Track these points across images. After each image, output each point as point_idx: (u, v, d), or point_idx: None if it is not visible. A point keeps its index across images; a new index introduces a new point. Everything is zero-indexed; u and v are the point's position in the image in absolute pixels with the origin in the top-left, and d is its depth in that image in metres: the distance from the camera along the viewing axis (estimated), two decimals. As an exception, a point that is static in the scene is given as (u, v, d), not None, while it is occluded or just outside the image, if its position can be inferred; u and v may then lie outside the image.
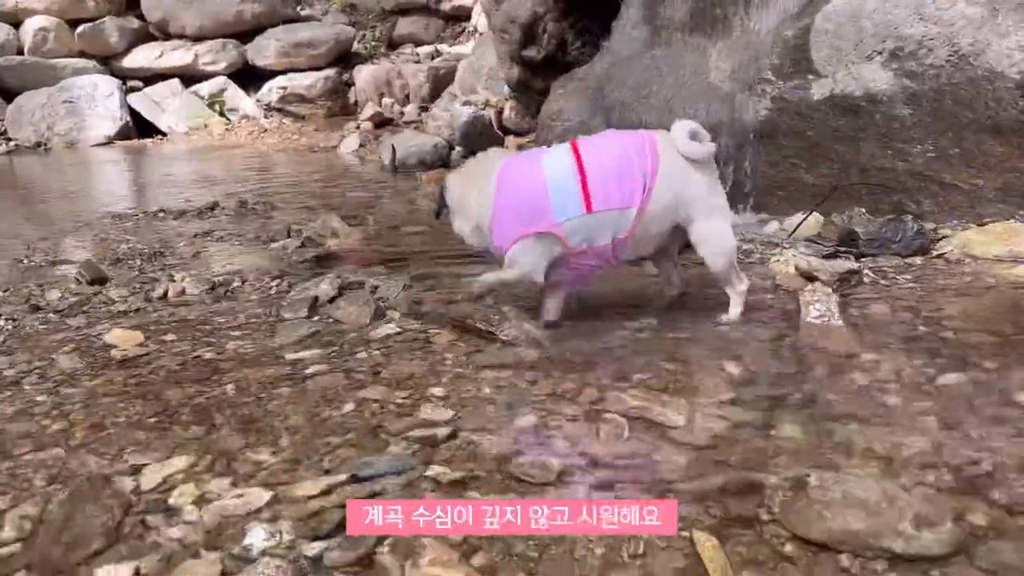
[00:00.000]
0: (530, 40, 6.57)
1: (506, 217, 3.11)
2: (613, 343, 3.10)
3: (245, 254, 4.75)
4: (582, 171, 3.04)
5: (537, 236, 3.09)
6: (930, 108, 4.44)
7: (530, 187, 3.07)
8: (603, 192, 3.02)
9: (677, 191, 3.08)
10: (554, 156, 3.14)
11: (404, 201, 6.43)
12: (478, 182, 3.17)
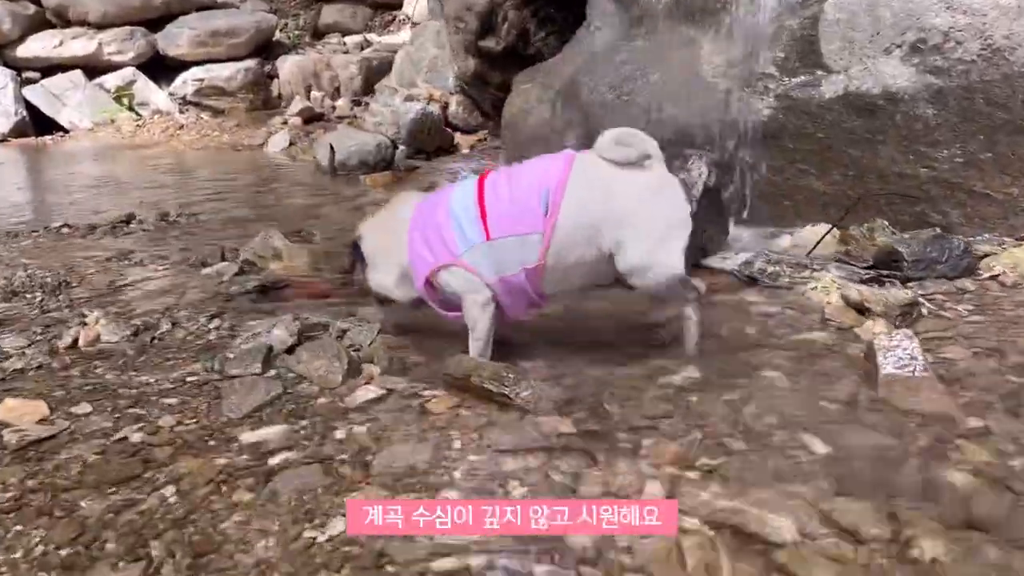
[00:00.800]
0: (488, 30, 5.90)
1: (418, 254, 2.81)
2: (656, 408, 2.49)
3: (172, 283, 3.97)
4: (481, 198, 2.72)
5: (448, 270, 2.77)
6: (958, 108, 3.96)
7: (435, 220, 2.79)
8: (498, 218, 2.68)
9: (595, 209, 2.62)
10: (460, 188, 2.87)
11: (350, 210, 5.69)
12: (394, 227, 2.92)
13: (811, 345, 2.91)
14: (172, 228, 5.17)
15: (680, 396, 2.56)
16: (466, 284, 2.75)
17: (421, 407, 2.54)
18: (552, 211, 2.65)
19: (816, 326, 3.08)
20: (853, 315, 3.06)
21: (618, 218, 2.64)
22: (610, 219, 2.64)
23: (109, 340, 3.17)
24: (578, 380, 2.69)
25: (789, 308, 3.27)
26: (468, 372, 2.60)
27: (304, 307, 3.53)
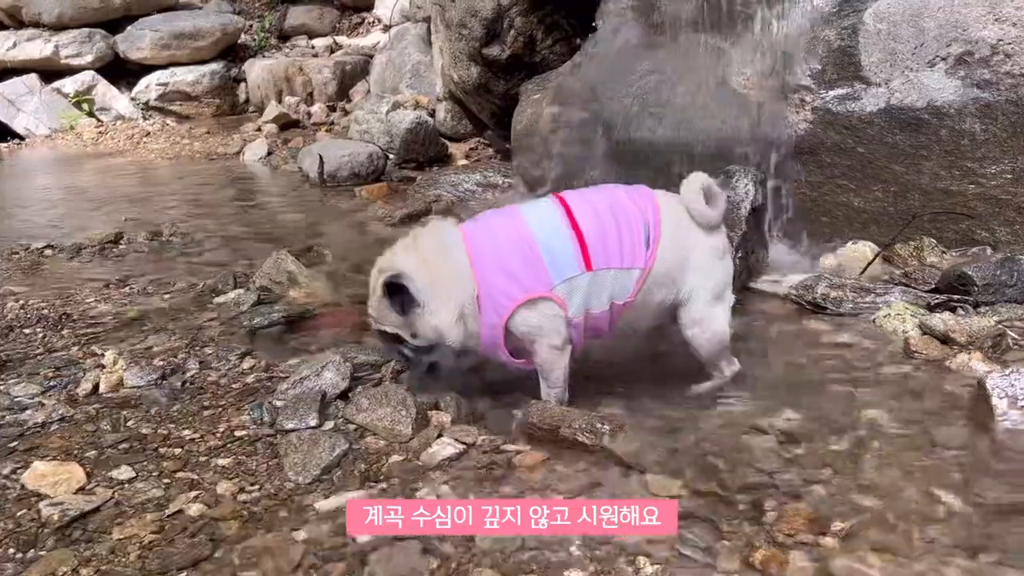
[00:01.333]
0: (493, 36, 5.65)
1: (497, 287, 2.48)
2: (766, 461, 2.30)
3: (186, 315, 3.65)
4: (575, 224, 2.47)
5: (532, 305, 2.49)
6: (1007, 123, 3.84)
7: (516, 247, 2.49)
8: (603, 247, 2.47)
9: (681, 255, 2.54)
10: (536, 211, 2.59)
11: (352, 225, 5.41)
12: (447, 257, 2.54)
13: (904, 381, 2.74)
14: (167, 249, 4.83)
15: (786, 445, 2.37)
16: (547, 322, 2.50)
17: (508, 463, 2.31)
18: (653, 247, 2.52)
19: (900, 359, 2.92)
20: (938, 346, 2.90)
21: (696, 269, 2.58)
22: (689, 268, 2.57)
23: (134, 385, 2.88)
24: (667, 427, 2.48)
25: (864, 338, 3.10)
26: (556, 422, 2.37)
27: (341, 342, 3.26)
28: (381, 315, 2.58)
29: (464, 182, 5.96)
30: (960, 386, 2.61)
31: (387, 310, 2.54)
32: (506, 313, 2.48)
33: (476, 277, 2.49)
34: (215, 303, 3.77)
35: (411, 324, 2.53)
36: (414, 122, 6.65)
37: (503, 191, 5.85)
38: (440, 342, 2.53)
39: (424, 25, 8.96)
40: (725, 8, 4.55)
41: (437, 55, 7.78)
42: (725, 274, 2.68)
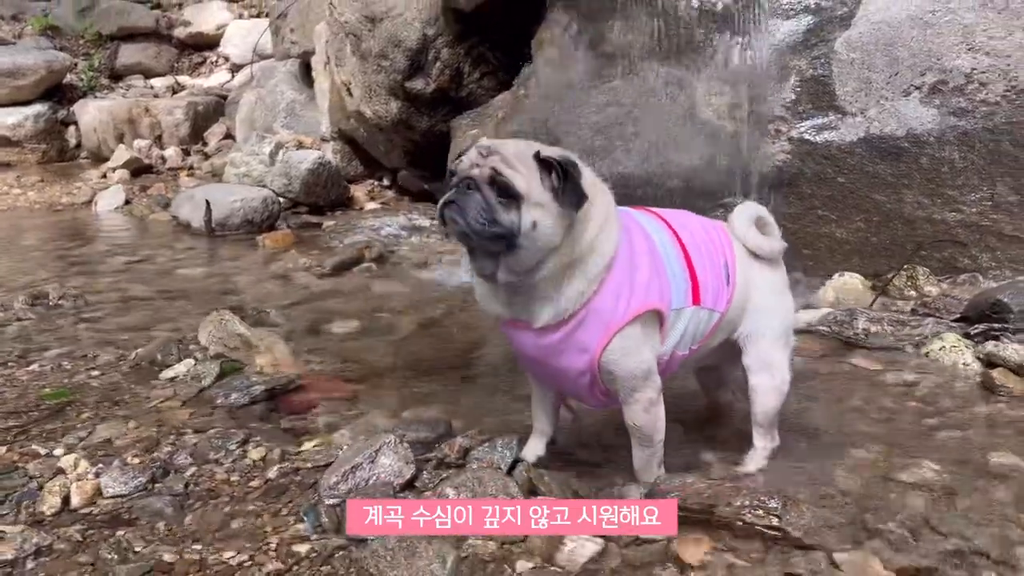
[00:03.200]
0: (417, 69, 5.23)
1: (625, 282, 2.04)
2: (947, 523, 2.03)
3: (131, 395, 2.95)
4: (687, 255, 2.19)
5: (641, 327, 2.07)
6: (985, 150, 3.89)
7: (654, 259, 2.12)
8: (706, 283, 2.20)
9: (744, 294, 2.30)
10: (651, 225, 2.21)
11: (274, 278, 4.75)
12: (610, 212, 2.07)
13: (1006, 418, 2.59)
14: (60, 315, 3.99)
15: (949, 500, 2.11)
16: (651, 360, 2.09)
17: (668, 557, 1.89)
18: (732, 289, 2.27)
19: (983, 394, 2.76)
20: (1015, 379, 2.76)
21: (759, 308, 2.33)
22: (750, 308, 2.32)
23: (119, 494, 2.20)
24: (815, 494, 2.15)
25: (926, 374, 2.94)
26: (709, 501, 1.98)
27: (347, 417, 2.71)
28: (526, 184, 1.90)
29: (385, 226, 5.47)
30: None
31: (538, 184, 1.91)
32: (618, 322, 2.02)
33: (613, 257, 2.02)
34: (164, 378, 3.08)
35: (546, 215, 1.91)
36: (316, 163, 6.05)
37: (430, 235, 5.41)
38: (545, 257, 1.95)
39: (296, 62, 8.37)
40: (684, 37, 4.39)
41: (322, 92, 7.25)
42: (789, 313, 2.44)
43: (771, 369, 2.33)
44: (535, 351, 2.12)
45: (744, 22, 4.26)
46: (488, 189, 1.90)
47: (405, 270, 4.81)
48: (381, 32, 5.13)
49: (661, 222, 2.22)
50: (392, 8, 5.11)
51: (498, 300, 2.09)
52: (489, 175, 1.91)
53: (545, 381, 2.30)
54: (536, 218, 1.89)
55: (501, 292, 2.05)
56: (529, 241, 1.90)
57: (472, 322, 3.83)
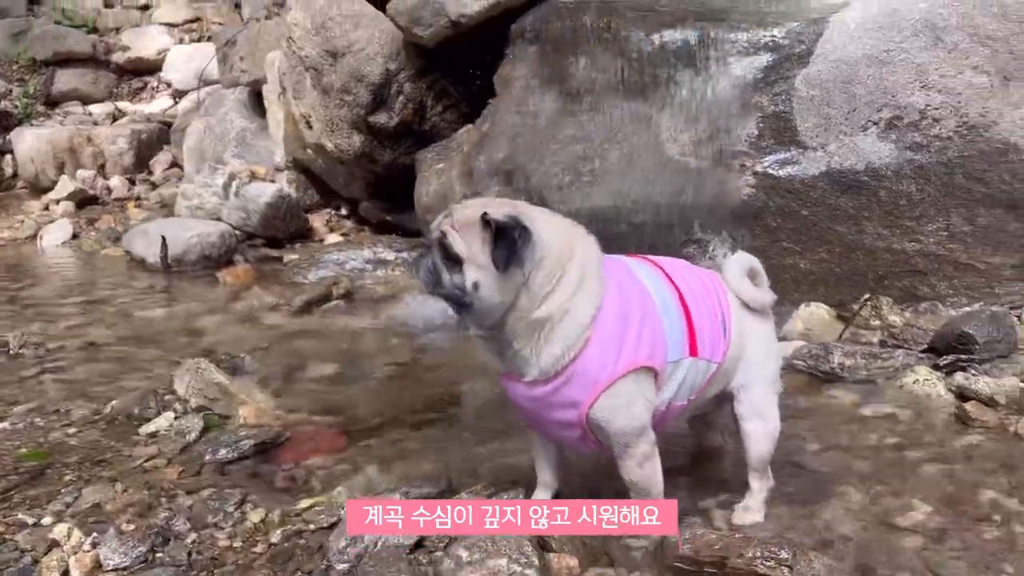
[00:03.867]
0: (380, 103, 5.22)
1: (612, 339, 2.06)
2: (948, 567, 2.09)
3: (113, 453, 2.89)
4: (684, 305, 2.21)
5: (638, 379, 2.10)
6: (940, 183, 4.05)
7: (647, 311, 2.13)
8: (703, 333, 2.22)
9: (741, 346, 2.34)
10: (647, 275, 2.23)
11: (241, 319, 4.68)
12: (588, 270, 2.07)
13: (985, 452, 2.70)
14: (23, 366, 3.88)
15: (939, 541, 2.19)
16: (644, 415, 2.13)
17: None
18: (727, 340, 2.31)
19: (959, 427, 2.89)
20: (987, 411, 2.89)
21: (753, 359, 2.37)
22: (745, 359, 2.36)
23: (121, 566, 2.15)
24: (816, 537, 2.21)
25: (902, 407, 3.05)
26: (720, 552, 2.03)
27: (345, 472, 2.70)
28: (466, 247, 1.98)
29: (350, 260, 5.43)
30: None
31: (480, 246, 1.97)
32: (604, 381, 2.05)
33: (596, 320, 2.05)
34: (144, 434, 3.02)
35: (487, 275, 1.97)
36: (275, 196, 5.99)
37: (395, 268, 5.39)
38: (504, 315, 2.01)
39: (245, 90, 8.27)
40: (647, 74, 4.48)
41: (276, 122, 7.18)
42: (778, 361, 2.50)
43: (764, 416, 2.38)
44: (527, 403, 2.16)
45: (705, 59, 4.36)
46: (436, 251, 2.04)
47: (374, 306, 4.79)
48: (343, 67, 5.12)
49: (658, 270, 2.26)
50: (354, 43, 5.10)
51: (490, 352, 2.12)
52: (437, 238, 2.03)
53: (538, 430, 2.32)
54: (477, 278, 1.97)
55: (491, 344, 2.08)
56: (476, 301, 1.99)
57: (449, 364, 3.84)
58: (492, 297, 2.00)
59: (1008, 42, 3.98)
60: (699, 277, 2.37)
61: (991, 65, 3.99)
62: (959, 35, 4.01)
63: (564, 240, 2.07)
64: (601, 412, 2.07)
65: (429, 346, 4.09)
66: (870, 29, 4.13)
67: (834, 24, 4.22)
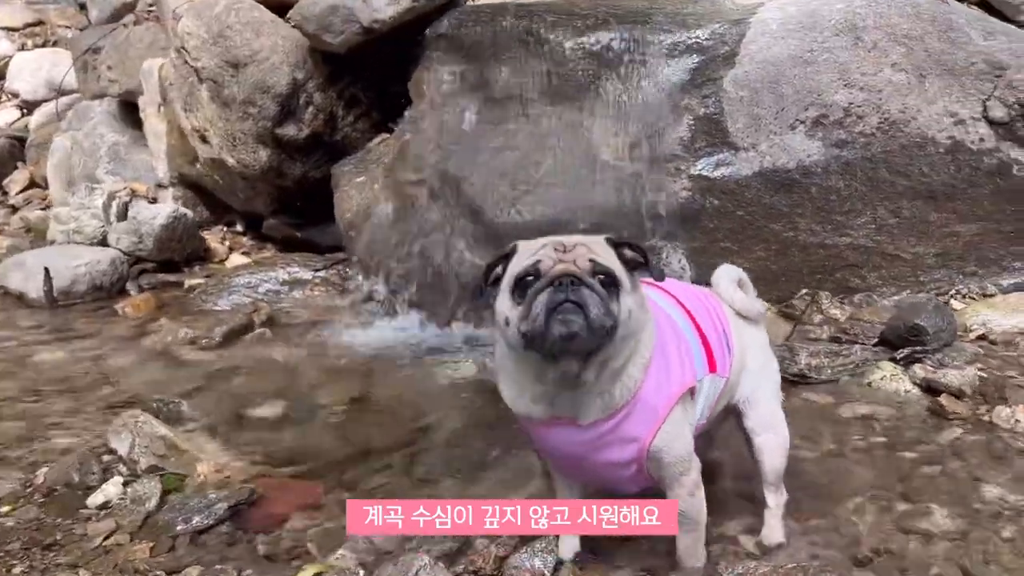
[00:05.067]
0: (288, 114, 4.92)
1: (663, 368, 2.00)
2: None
3: (61, 532, 2.56)
4: (695, 321, 2.19)
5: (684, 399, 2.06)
6: (865, 178, 4.20)
7: (677, 335, 2.10)
8: (717, 349, 2.20)
9: (742, 359, 2.33)
10: (659, 298, 2.18)
11: (155, 357, 4.30)
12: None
13: (971, 446, 2.79)
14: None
15: (962, 550, 2.23)
16: (691, 442, 2.07)
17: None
18: (732, 353, 2.27)
19: (938, 422, 2.98)
20: (960, 403, 2.99)
21: (754, 369, 2.36)
22: (746, 371, 2.34)
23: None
24: (848, 552, 2.22)
25: (877, 405, 3.13)
26: (777, 585, 1.97)
27: (331, 532, 2.50)
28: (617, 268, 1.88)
29: (263, 283, 5.11)
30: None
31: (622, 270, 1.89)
32: (666, 406, 1.98)
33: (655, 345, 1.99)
34: (94, 506, 2.70)
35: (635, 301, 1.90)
36: (170, 217, 5.56)
37: (314, 288, 5.11)
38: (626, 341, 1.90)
39: (115, 101, 7.65)
40: (574, 80, 4.41)
41: (156, 135, 6.70)
42: (777, 371, 2.51)
43: (774, 428, 2.37)
44: (575, 447, 2.03)
45: (632, 63, 4.34)
46: (595, 281, 1.81)
47: (303, 333, 4.51)
48: (246, 78, 4.78)
49: (663, 292, 2.20)
50: (257, 52, 4.78)
51: (540, 400, 1.97)
52: (590, 267, 1.82)
53: (578, 475, 2.21)
54: (630, 306, 1.85)
55: (548, 391, 1.94)
56: (625, 329, 1.85)
57: (404, 395, 3.66)
58: (640, 323, 1.91)
59: (923, 40, 4.15)
60: (695, 294, 2.33)
61: (908, 63, 4.15)
62: (877, 34, 4.15)
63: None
64: (662, 442, 1.98)
65: (378, 376, 3.88)
66: (792, 29, 4.22)
67: (756, 25, 4.29)
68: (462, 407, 3.55)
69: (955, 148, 4.15)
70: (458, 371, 3.88)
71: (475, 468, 2.86)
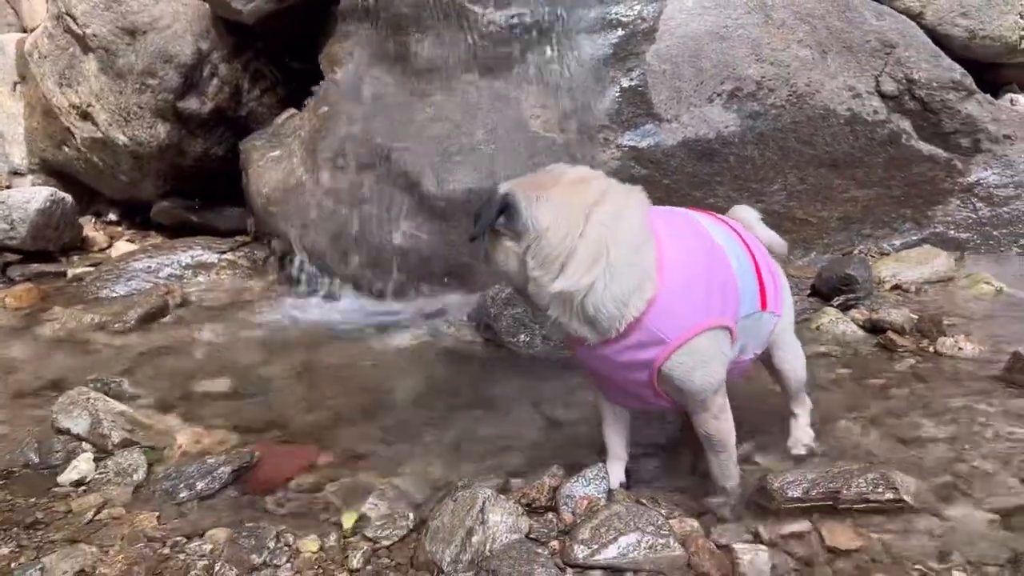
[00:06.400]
0: (191, 87, 4.63)
1: (679, 300, 1.99)
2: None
3: (50, 511, 2.30)
4: (754, 258, 2.26)
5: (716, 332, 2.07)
6: (777, 147, 4.49)
7: (717, 266, 2.11)
8: (771, 288, 2.29)
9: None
10: (715, 230, 2.22)
11: (56, 344, 3.89)
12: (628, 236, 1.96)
13: (929, 372, 3.04)
14: None
15: (957, 450, 2.45)
16: (721, 372, 2.10)
17: (824, 551, 1.96)
18: (781, 292, 2.38)
19: (888, 355, 3.21)
20: (903, 338, 3.25)
21: (783, 306, 2.42)
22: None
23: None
24: (868, 461, 2.37)
25: (832, 345, 3.34)
26: (833, 487, 2.10)
27: (356, 484, 2.41)
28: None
29: (164, 267, 4.78)
30: (998, 368, 2.95)
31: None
32: (677, 339, 1.98)
33: (660, 283, 1.96)
34: (68, 483, 2.44)
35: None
36: (47, 201, 5.07)
37: (221, 272, 4.84)
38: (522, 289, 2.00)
39: None
40: (500, 52, 4.45)
41: (11, 118, 6.12)
42: (792, 301, 2.57)
43: (796, 349, 2.49)
44: (598, 364, 2.07)
45: (558, 36, 4.42)
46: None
47: (224, 314, 4.25)
48: (145, 46, 4.46)
49: (722, 224, 2.26)
50: (158, 19, 4.47)
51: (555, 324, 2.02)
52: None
53: (611, 394, 2.23)
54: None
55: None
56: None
57: (350, 363, 3.54)
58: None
59: (824, 19, 4.49)
60: (747, 233, 2.39)
61: (812, 39, 4.48)
62: (785, 12, 4.45)
63: (571, 219, 1.92)
64: (676, 370, 2.01)
65: (320, 349, 3.73)
66: (708, 7, 4.45)
67: (672, 2, 4.48)
68: (417, 371, 3.48)
69: (853, 120, 4.51)
70: (404, 340, 3.80)
71: (458, 422, 2.82)
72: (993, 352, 3.11)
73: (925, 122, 4.58)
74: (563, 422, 2.78)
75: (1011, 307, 3.74)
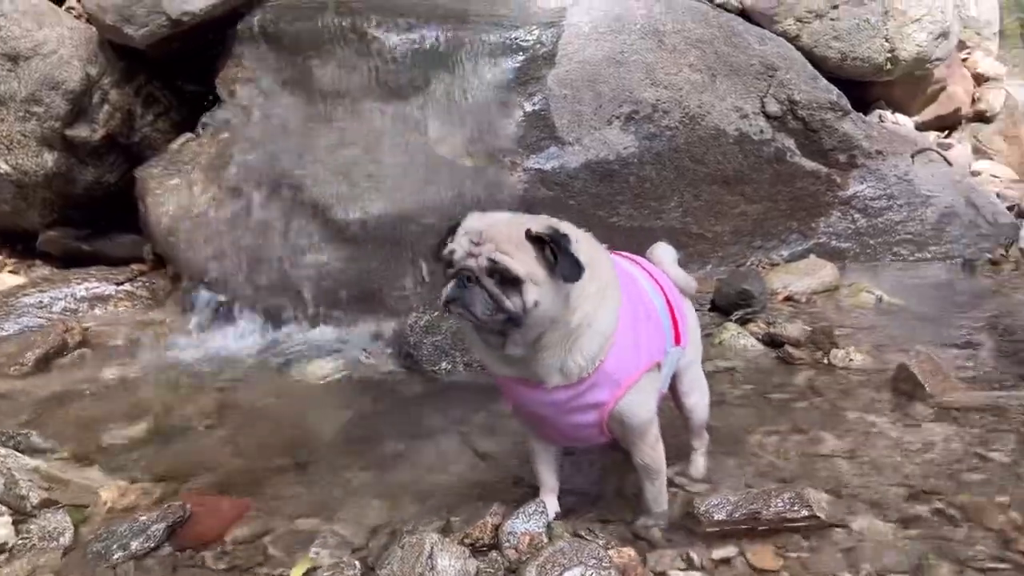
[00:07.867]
0: (80, 114, 4.45)
1: (630, 342, 2.12)
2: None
3: None
4: (665, 294, 2.41)
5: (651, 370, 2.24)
6: (673, 167, 4.71)
7: (649, 309, 2.27)
8: (682, 324, 2.43)
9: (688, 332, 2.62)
10: (637, 272, 2.38)
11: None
12: (610, 277, 2.11)
13: (824, 384, 3.27)
14: None
15: (857, 460, 2.67)
16: (655, 405, 2.25)
17: (748, 570, 2.13)
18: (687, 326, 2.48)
19: (787, 368, 3.44)
20: (799, 352, 3.49)
21: (690, 342, 2.53)
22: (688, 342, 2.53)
23: None
24: (776, 476, 2.56)
25: (734, 360, 3.55)
26: (752, 509, 2.26)
27: (290, 534, 2.43)
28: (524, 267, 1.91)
29: (56, 301, 4.59)
30: (885, 377, 3.20)
31: (535, 263, 1.92)
32: (627, 381, 2.11)
33: (618, 325, 2.07)
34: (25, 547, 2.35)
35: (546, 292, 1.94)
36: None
37: (119, 304, 4.68)
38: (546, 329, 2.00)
39: None
40: (403, 77, 4.49)
41: None
42: (700, 338, 2.69)
43: (700, 388, 2.63)
44: (543, 408, 2.16)
45: (460, 61, 4.49)
46: (488, 280, 1.93)
47: (128, 351, 4.13)
48: (29, 73, 4.27)
49: (640, 268, 2.39)
50: (42, 44, 4.28)
51: (506, 363, 2.09)
52: (488, 266, 1.92)
53: (547, 432, 2.32)
54: (537, 297, 1.93)
55: (516, 356, 2.05)
56: (532, 319, 1.96)
57: (264, 405, 3.51)
58: (548, 312, 1.96)
59: (712, 44, 4.73)
60: (659, 271, 2.52)
61: (702, 63, 4.71)
62: (676, 38, 4.66)
63: (590, 248, 2.08)
64: (625, 409, 2.14)
65: (235, 385, 3.69)
66: (604, 32, 4.61)
67: (569, 28, 4.62)
68: (339, 404, 3.49)
69: (741, 139, 4.77)
70: (323, 370, 3.79)
71: (386, 458, 2.86)
72: (880, 362, 3.37)
73: (807, 140, 4.89)
74: (492, 454, 2.85)
75: (890, 315, 4.06)
